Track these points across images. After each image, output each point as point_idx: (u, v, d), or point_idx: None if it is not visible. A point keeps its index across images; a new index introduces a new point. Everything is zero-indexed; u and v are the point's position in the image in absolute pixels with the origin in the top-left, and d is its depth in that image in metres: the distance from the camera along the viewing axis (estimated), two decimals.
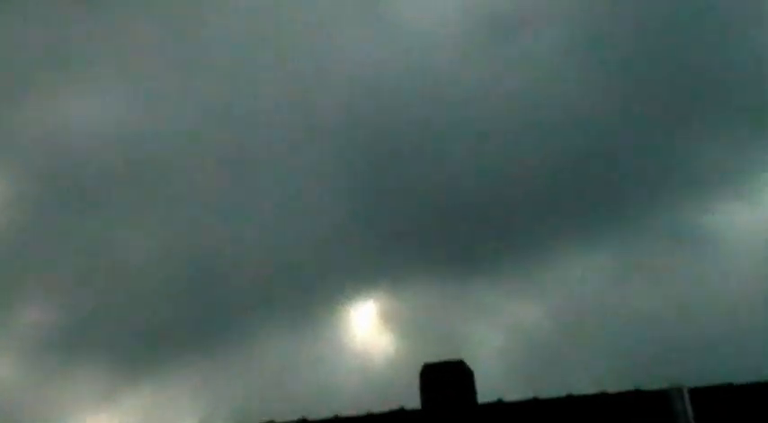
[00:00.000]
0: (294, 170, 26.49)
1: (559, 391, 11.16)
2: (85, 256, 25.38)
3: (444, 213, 25.75)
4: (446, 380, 11.14)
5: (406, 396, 11.55)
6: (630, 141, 27.06)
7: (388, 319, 25.92)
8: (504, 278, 25.83)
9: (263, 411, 11.48)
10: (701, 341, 20.71)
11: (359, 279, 26.03)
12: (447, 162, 26.53)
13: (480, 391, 11.55)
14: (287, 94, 27.10)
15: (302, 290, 25.06)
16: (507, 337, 24.49)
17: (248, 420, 11.31)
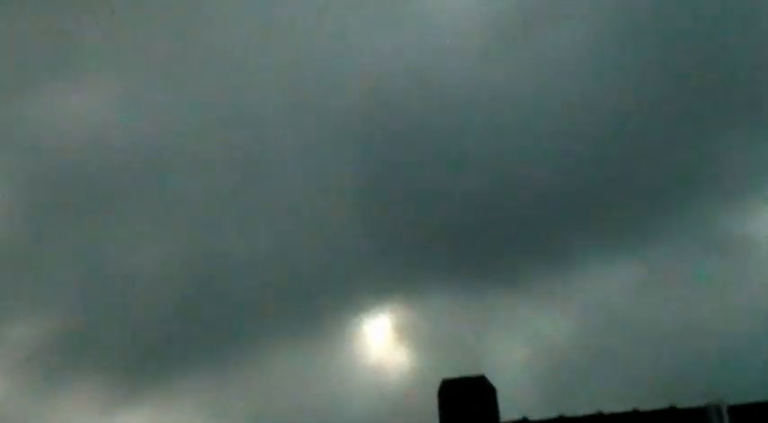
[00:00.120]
0: (304, 174, 25.74)
1: (587, 408, 11.23)
2: (80, 266, 24.81)
3: (464, 221, 25.11)
4: (466, 396, 11.00)
5: (424, 414, 11.47)
6: (661, 147, 26.40)
7: (404, 332, 25.24)
8: (528, 289, 25.25)
9: None
10: (738, 355, 20.18)
11: (372, 290, 25.31)
12: (467, 167, 25.79)
13: (503, 409, 11.49)
14: (297, 94, 26.39)
15: (313, 301, 24.47)
16: (531, 351, 23.94)
17: None
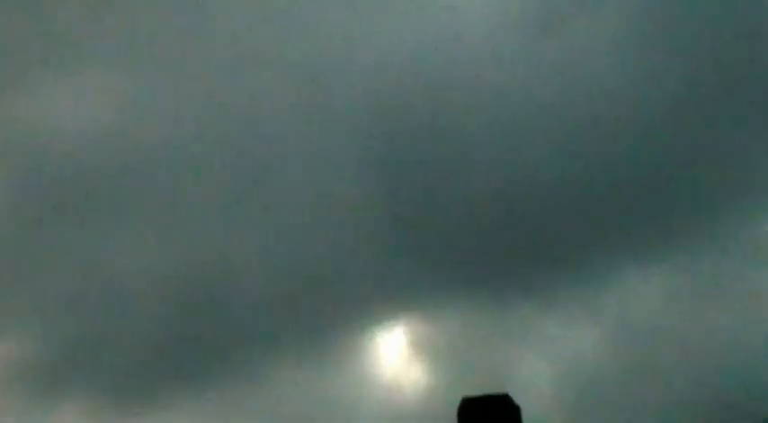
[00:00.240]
0: (311, 176, 25.08)
1: None
2: (69, 278, 24.14)
3: (486, 227, 24.24)
4: (489, 416, 9.24)
5: None
6: (697, 147, 25.63)
7: (420, 347, 24.54)
8: (555, 301, 24.43)
9: None
10: None
11: (386, 301, 24.45)
12: (489, 169, 24.98)
13: None
14: (303, 93, 25.71)
15: (320, 313, 23.79)
16: (558, 367, 23.35)
17: None
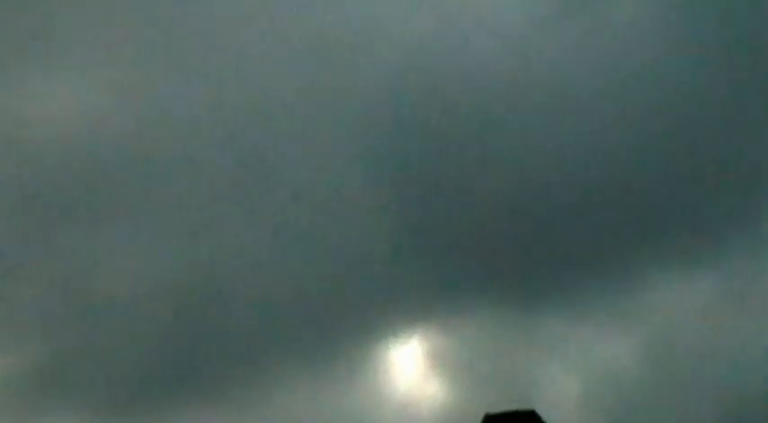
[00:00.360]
0: (318, 175, 24.49)
1: None
2: (57, 287, 23.38)
3: (509, 230, 23.77)
4: None
5: None
6: (742, 141, 24.99)
7: (438, 360, 23.95)
8: (584, 309, 23.71)
9: None
10: None
11: (401, 310, 23.94)
12: (511, 165, 24.53)
13: None
14: (310, 85, 24.93)
15: (329, 324, 23.38)
16: (588, 381, 22.98)
17: None
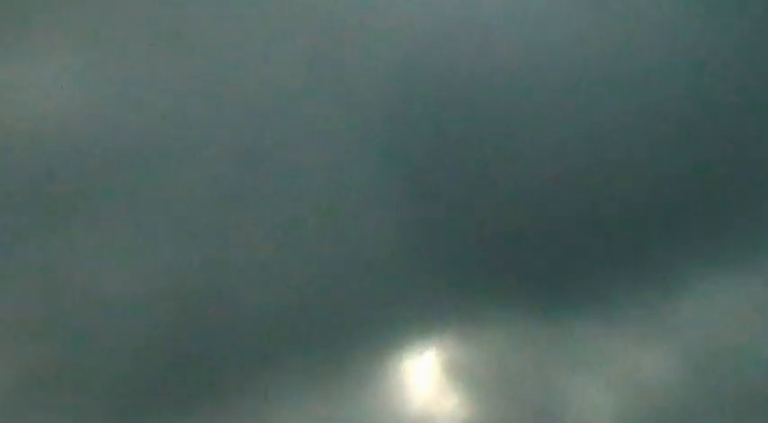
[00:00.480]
0: (325, 169, 23.64)
1: None
2: (36, 293, 22.63)
3: (533, 229, 23.16)
4: None
5: None
6: None
7: (457, 373, 23.29)
8: (618, 316, 23.11)
9: None
10: None
11: (415, 319, 23.24)
12: (538, 158, 23.59)
13: None
14: (315, 67, 24.00)
15: (337, 333, 22.78)
16: (623, 396, 22.51)
17: None
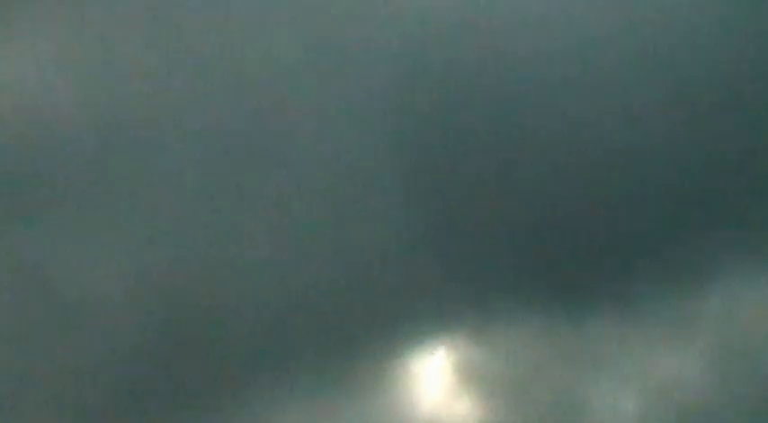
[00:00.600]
0: (330, 157, 23.09)
1: None
2: (14, 296, 22.15)
3: (551, 221, 22.58)
4: None
5: None
6: None
7: (469, 375, 22.84)
8: (642, 315, 22.55)
9: None
10: None
11: (425, 318, 22.72)
12: (555, 149, 22.95)
13: None
14: (321, 50, 23.29)
15: (342, 332, 22.24)
16: (646, 398, 22.11)
17: None
